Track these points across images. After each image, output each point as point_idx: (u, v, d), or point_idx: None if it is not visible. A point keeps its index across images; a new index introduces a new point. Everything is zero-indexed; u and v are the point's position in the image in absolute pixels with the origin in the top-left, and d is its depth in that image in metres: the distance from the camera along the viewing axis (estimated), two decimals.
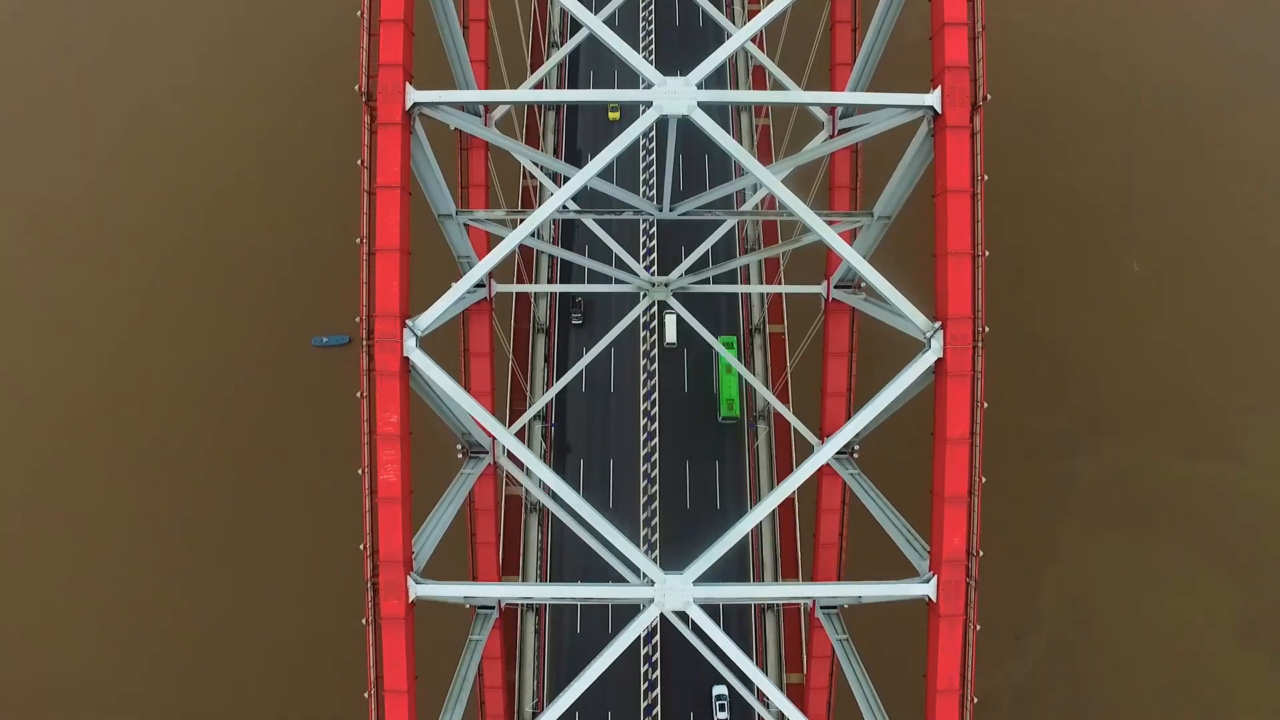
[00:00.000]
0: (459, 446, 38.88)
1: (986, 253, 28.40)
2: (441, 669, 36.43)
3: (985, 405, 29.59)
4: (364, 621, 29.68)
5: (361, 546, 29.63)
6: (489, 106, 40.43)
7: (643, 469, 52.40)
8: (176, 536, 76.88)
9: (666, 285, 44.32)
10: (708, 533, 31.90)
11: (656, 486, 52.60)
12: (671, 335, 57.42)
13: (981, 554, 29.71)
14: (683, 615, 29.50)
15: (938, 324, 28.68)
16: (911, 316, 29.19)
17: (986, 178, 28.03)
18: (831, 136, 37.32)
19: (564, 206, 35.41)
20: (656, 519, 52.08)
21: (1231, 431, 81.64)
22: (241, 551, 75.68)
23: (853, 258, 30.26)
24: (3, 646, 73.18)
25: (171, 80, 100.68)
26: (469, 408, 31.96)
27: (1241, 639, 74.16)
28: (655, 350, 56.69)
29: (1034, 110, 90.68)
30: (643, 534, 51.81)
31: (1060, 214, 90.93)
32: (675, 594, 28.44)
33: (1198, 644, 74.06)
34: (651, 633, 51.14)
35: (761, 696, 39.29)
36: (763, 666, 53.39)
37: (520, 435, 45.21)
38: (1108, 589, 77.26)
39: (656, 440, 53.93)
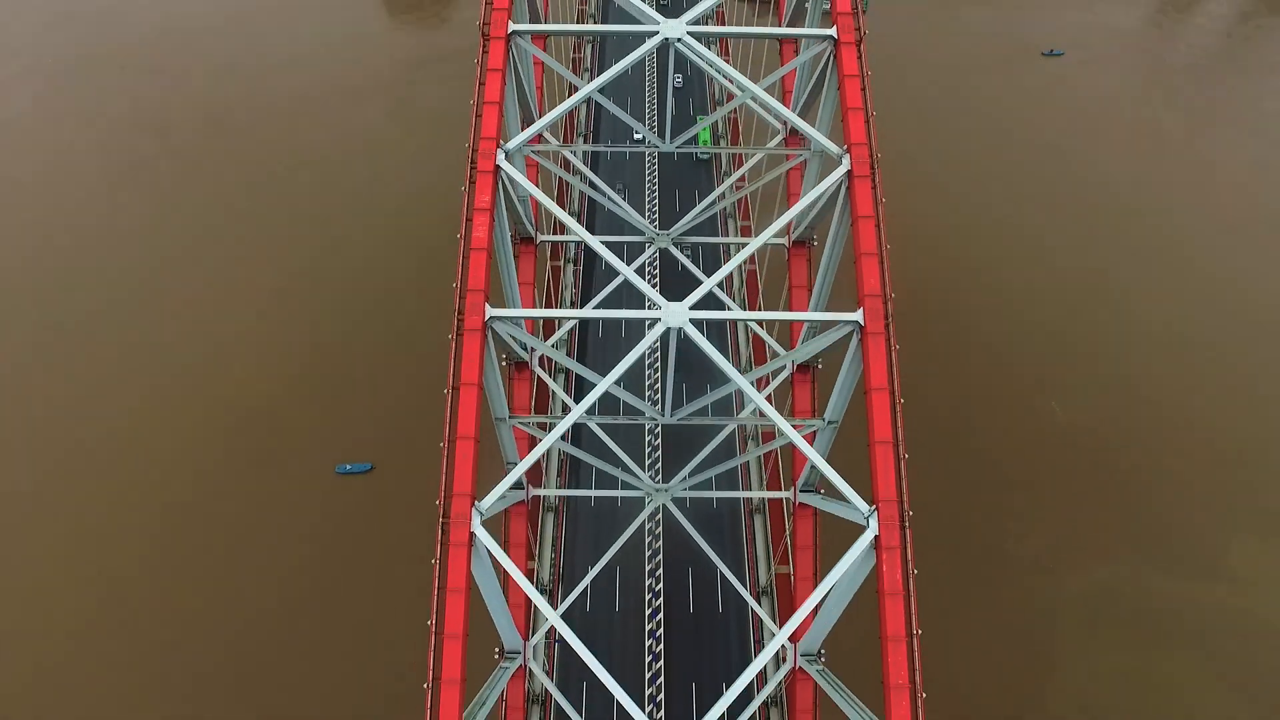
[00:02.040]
0: (496, 649, 42.91)
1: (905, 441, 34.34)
2: None
3: (916, 573, 33.45)
4: None
5: None
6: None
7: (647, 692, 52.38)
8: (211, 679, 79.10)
9: (667, 490, 47.50)
10: None
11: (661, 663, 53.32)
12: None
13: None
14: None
15: (873, 507, 33.46)
16: (856, 503, 33.99)
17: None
18: (792, 346, 46.27)
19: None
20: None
21: (1212, 551, 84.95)
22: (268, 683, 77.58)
23: (815, 459, 36.12)
24: None
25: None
26: (500, 610, 38.04)
27: None
28: (660, 558, 57.22)
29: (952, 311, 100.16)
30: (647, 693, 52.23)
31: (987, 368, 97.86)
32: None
33: None
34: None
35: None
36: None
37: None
38: (1110, 702, 79.50)
39: (662, 651, 53.87)
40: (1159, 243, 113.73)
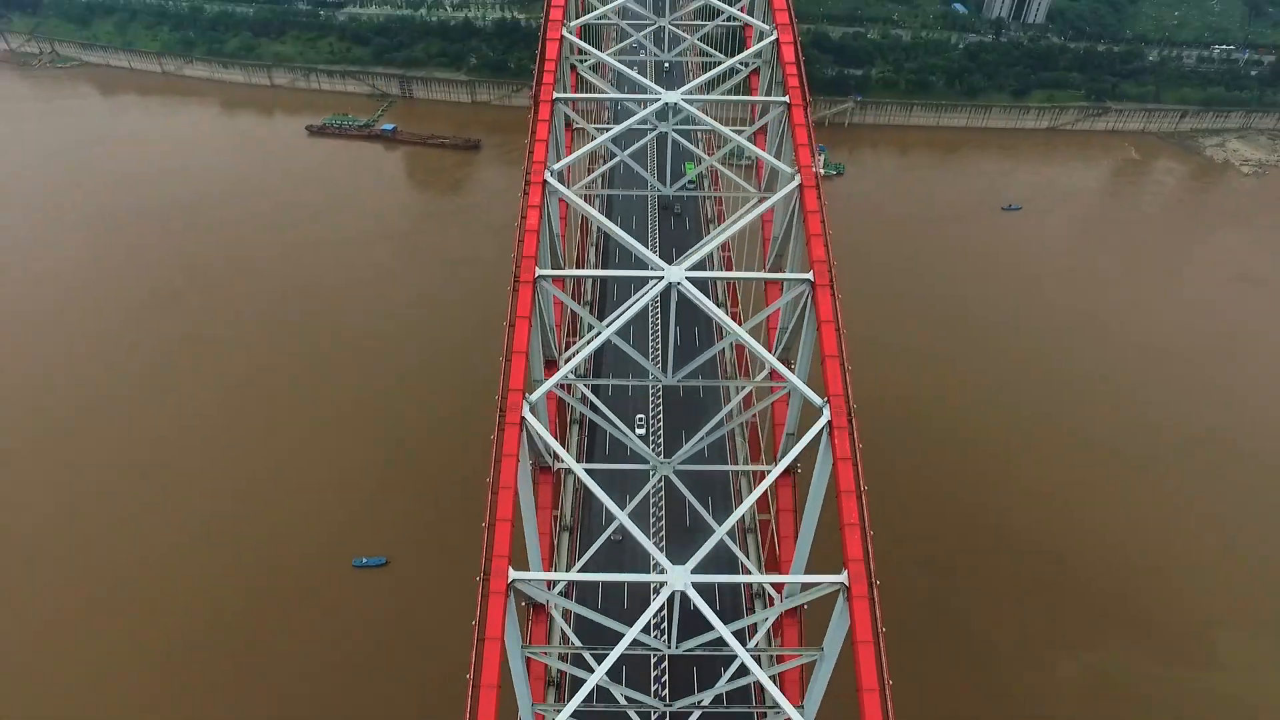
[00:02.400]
0: None
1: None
2: None
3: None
4: None
5: None
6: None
7: None
8: None
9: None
10: None
11: None
12: None
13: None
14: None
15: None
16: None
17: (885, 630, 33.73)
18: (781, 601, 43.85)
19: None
20: None
21: (1200, 641, 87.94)
22: None
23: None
24: None
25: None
26: None
27: None
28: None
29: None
30: None
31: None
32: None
33: None
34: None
35: None
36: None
37: None
38: None
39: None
40: (1099, 363, 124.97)
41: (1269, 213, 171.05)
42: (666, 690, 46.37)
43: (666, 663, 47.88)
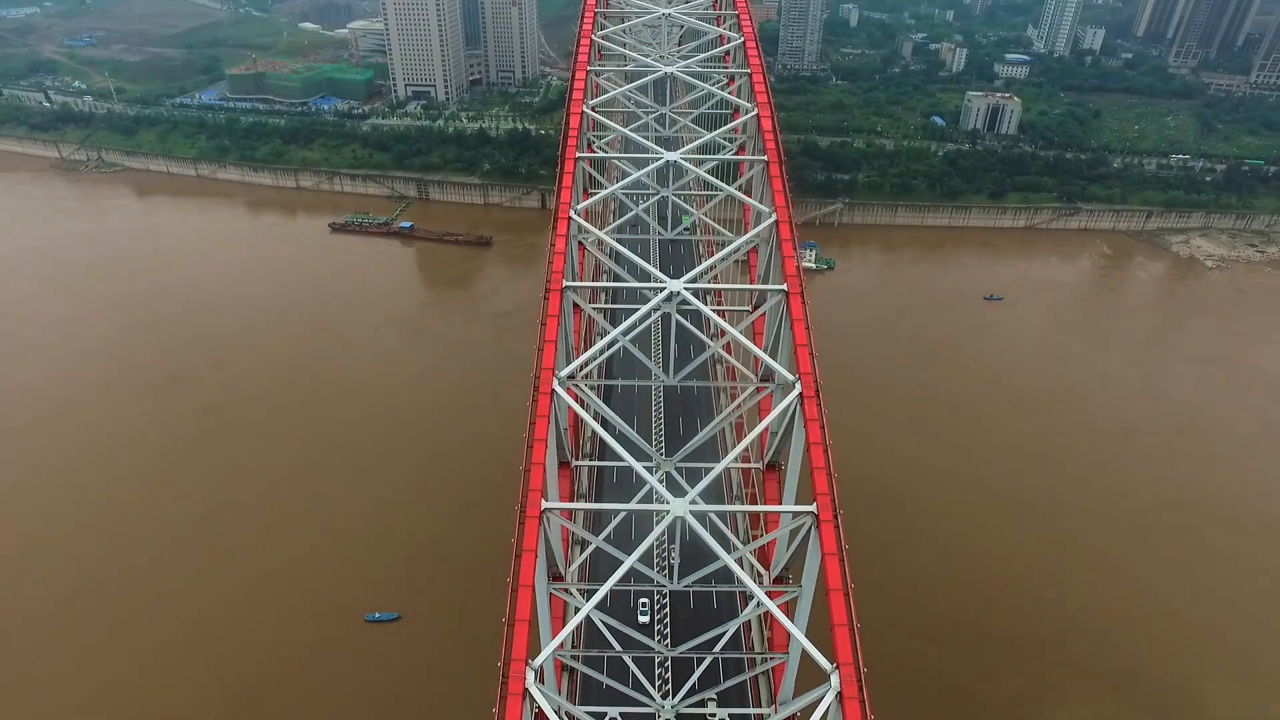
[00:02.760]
0: None
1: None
2: None
3: None
4: None
5: None
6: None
7: None
8: None
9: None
10: None
11: None
12: None
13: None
14: None
15: (835, 666, 32.57)
16: (820, 661, 33.39)
17: None
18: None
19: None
20: None
21: (1191, 694, 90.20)
22: None
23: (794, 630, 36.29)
24: None
25: None
26: None
27: None
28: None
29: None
30: None
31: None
32: None
33: None
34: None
35: None
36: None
37: None
38: None
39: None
40: (1073, 433, 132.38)
41: (1230, 302, 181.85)
42: (669, 638, 48.62)
43: (668, 604, 51.47)
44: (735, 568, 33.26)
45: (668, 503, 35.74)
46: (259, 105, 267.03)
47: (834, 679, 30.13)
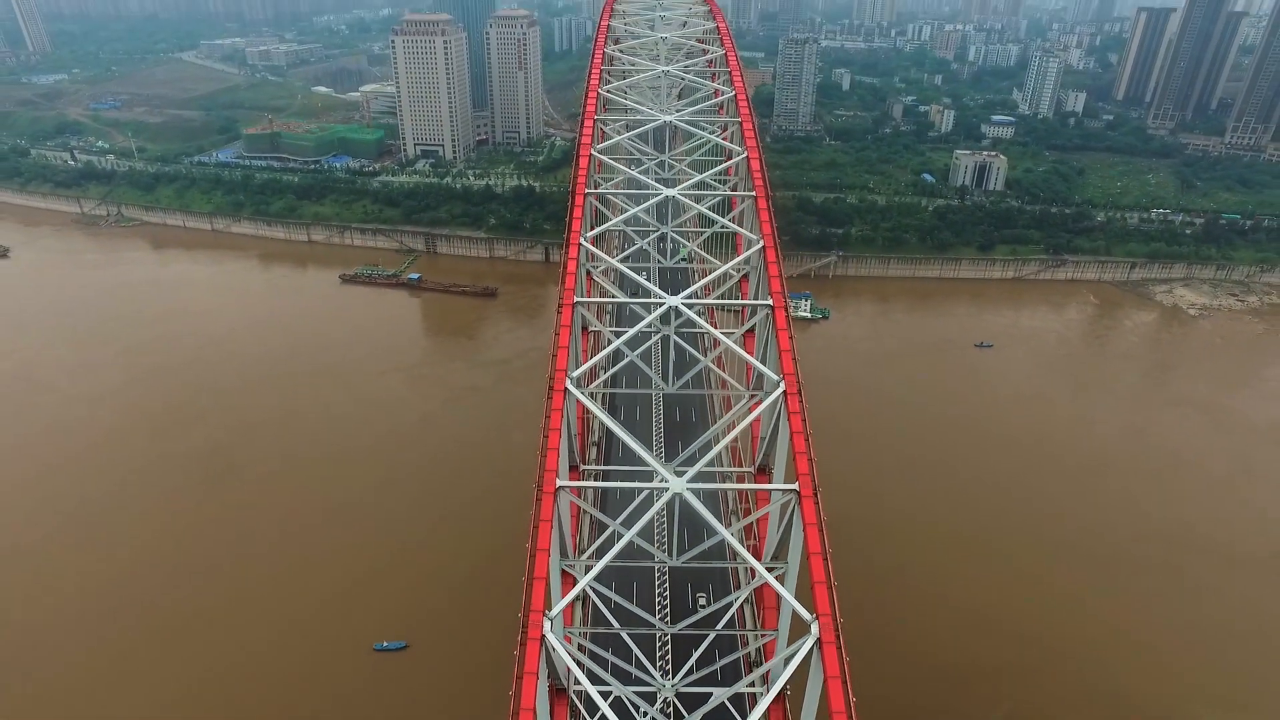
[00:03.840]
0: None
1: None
2: None
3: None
4: None
5: None
6: None
7: None
8: None
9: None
10: None
11: None
12: None
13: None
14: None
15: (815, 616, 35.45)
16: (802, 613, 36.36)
17: None
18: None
19: None
20: None
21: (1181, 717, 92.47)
22: None
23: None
24: None
25: None
26: None
27: None
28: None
29: None
30: None
31: None
32: None
33: None
34: None
35: None
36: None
37: None
38: None
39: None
40: (1062, 470, 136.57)
41: (1210, 349, 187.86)
42: (669, 612, 51.54)
43: (668, 579, 54.40)
44: (730, 538, 37.27)
45: (668, 481, 39.62)
46: (274, 163, 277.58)
47: (814, 628, 33.98)
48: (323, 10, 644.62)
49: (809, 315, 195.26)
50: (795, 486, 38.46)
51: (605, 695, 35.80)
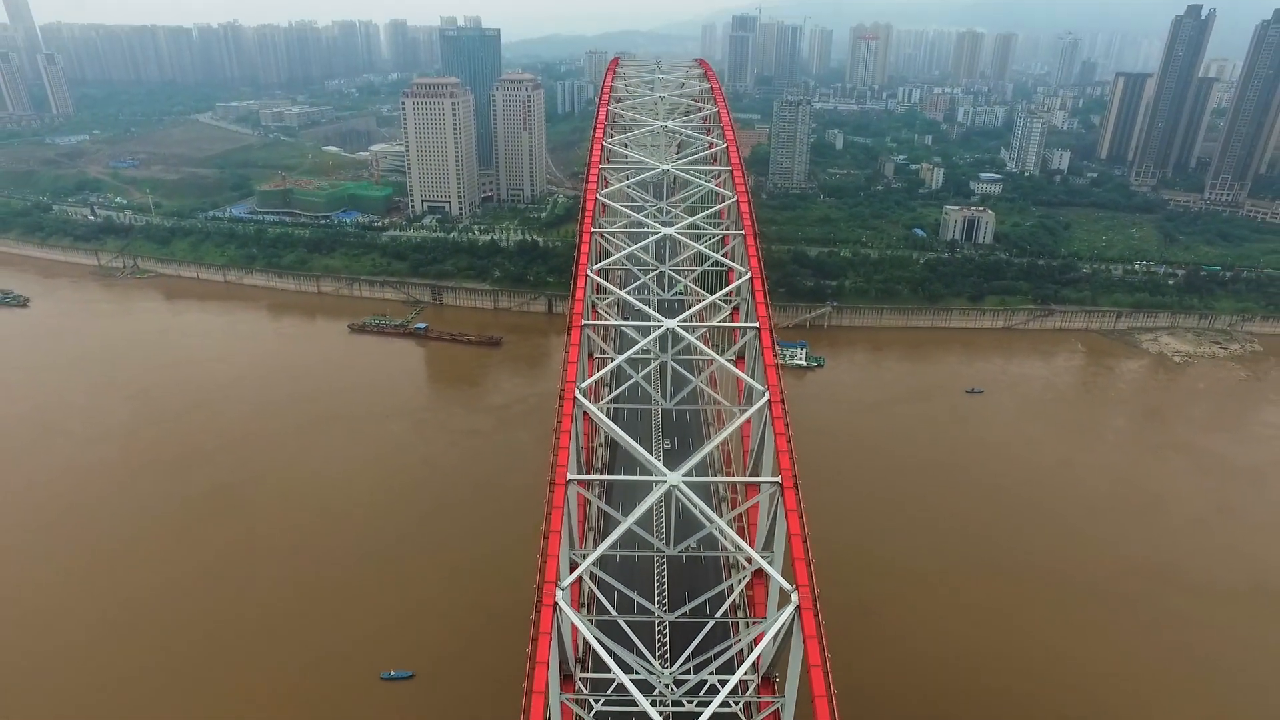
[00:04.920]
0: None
1: None
2: None
3: None
4: None
5: None
6: None
7: None
8: None
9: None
10: None
11: None
12: None
13: None
14: None
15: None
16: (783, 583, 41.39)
17: None
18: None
19: None
20: None
21: None
22: None
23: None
24: None
25: None
26: None
27: None
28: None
29: None
30: None
31: None
32: None
33: None
34: None
35: None
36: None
37: None
38: None
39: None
40: (1044, 507, 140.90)
41: (1195, 394, 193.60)
42: (666, 600, 55.05)
43: (666, 568, 58.21)
44: (723, 524, 41.97)
45: (665, 476, 44.21)
46: (286, 218, 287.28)
47: (794, 596, 38.35)
48: (333, 75, 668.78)
49: (804, 364, 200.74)
50: (778, 479, 43.26)
51: (606, 685, 39.43)
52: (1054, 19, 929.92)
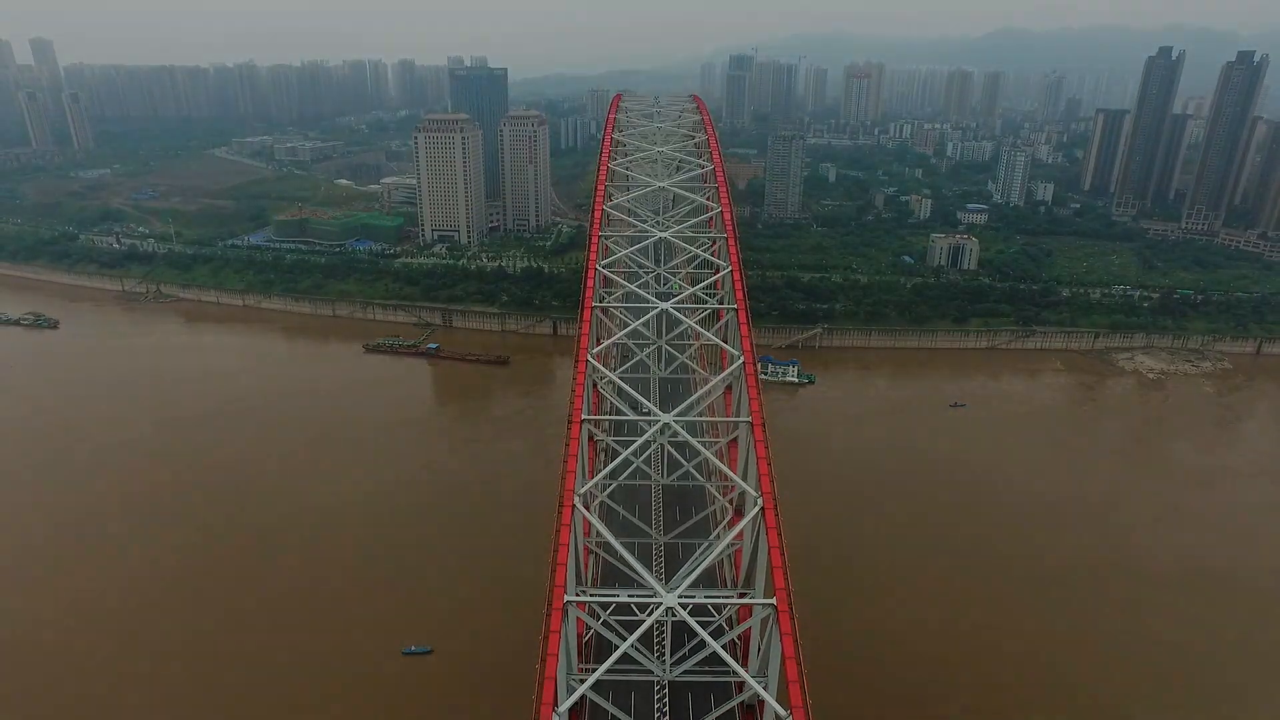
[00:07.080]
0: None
1: None
2: None
3: None
4: None
5: None
6: None
7: None
8: None
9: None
10: None
11: None
12: None
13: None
14: None
15: None
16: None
17: None
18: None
19: None
20: None
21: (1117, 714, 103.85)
22: None
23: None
24: None
25: None
26: None
27: None
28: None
29: None
30: None
31: None
32: None
33: None
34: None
35: None
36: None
37: None
38: None
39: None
40: (1020, 508, 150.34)
41: (1162, 407, 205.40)
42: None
43: (663, 554, 62.34)
44: (710, 489, 50.23)
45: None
46: (301, 246, 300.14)
47: (759, 502, 48.58)
48: (345, 111, 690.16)
49: (796, 380, 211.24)
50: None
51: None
52: (1043, 58, 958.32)
